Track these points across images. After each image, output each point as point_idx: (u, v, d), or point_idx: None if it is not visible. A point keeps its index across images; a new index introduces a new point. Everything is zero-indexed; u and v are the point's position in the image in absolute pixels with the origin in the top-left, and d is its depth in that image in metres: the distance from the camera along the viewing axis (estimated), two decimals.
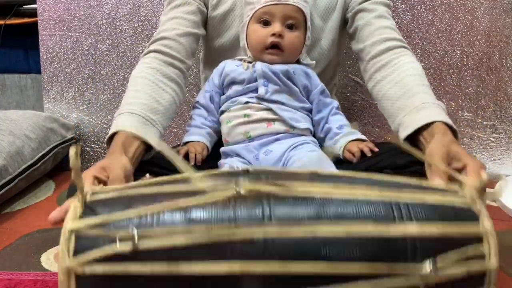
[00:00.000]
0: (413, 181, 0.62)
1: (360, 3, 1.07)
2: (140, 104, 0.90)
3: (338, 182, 0.59)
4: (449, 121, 0.85)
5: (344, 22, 1.12)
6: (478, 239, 0.57)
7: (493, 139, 1.54)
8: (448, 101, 1.53)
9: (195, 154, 0.95)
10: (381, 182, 0.61)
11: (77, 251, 0.54)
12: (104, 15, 1.55)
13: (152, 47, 1.02)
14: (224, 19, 1.08)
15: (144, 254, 0.52)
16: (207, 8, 1.09)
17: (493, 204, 1.31)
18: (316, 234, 0.54)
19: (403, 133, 0.89)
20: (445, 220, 0.56)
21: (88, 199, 0.58)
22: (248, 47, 1.01)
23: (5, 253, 1.04)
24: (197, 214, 0.55)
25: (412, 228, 0.55)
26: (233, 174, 0.61)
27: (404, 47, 1.03)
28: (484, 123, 1.54)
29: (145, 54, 1.02)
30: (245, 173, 0.61)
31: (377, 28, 1.04)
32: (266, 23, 0.97)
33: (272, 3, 0.96)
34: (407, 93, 0.93)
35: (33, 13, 1.61)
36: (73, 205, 0.57)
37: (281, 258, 0.53)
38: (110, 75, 1.59)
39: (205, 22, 1.10)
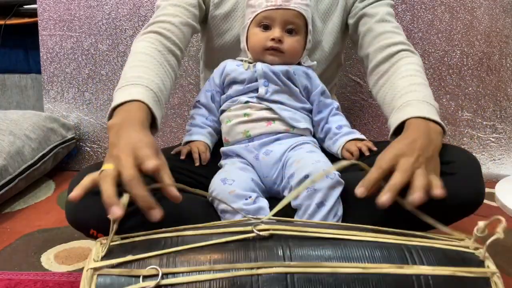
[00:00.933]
0: (418, 232, 0.66)
1: (362, 8, 1.07)
2: (151, 81, 0.85)
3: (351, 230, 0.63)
4: (425, 114, 0.83)
5: (345, 25, 1.12)
6: (485, 280, 0.59)
7: (493, 139, 1.54)
8: (448, 101, 1.53)
9: (199, 154, 0.95)
10: (390, 231, 0.64)
11: None
12: (104, 15, 1.55)
13: (154, 28, 0.98)
14: (226, 19, 1.08)
15: None
16: (207, 7, 1.08)
17: (493, 204, 1.31)
18: (337, 272, 0.56)
19: (389, 135, 0.89)
20: (454, 263, 0.60)
21: (111, 244, 0.58)
22: (248, 49, 1.01)
23: (5, 253, 1.04)
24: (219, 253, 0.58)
25: (424, 269, 0.58)
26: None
27: (405, 49, 1.01)
28: (484, 123, 1.54)
29: (146, 33, 0.97)
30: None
31: (378, 34, 1.03)
32: (266, 28, 0.98)
33: (272, 7, 0.96)
34: (397, 95, 0.93)
35: (33, 13, 1.61)
36: (96, 246, 0.57)
37: None
38: (110, 75, 1.59)
39: (202, 19, 1.10)
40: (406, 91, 0.92)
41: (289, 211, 0.84)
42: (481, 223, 0.62)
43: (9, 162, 1.29)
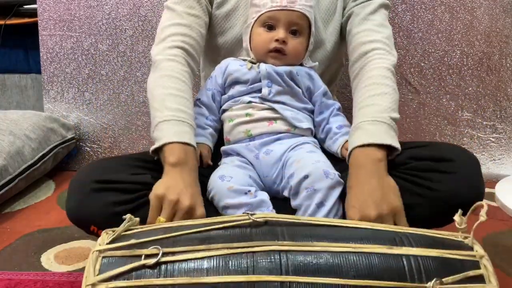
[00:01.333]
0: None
1: (352, 8, 1.06)
2: (191, 117, 0.91)
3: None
4: (364, 141, 0.85)
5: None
6: (475, 265, 0.60)
7: (493, 139, 1.54)
8: (448, 101, 1.53)
9: (201, 156, 0.95)
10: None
11: (101, 270, 0.58)
12: (104, 15, 1.55)
13: (179, 42, 0.99)
14: (228, 18, 1.08)
15: (166, 269, 0.57)
16: (211, 5, 1.08)
17: (493, 204, 1.31)
18: (329, 250, 0.59)
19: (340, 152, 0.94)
20: (443, 247, 0.61)
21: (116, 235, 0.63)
22: (251, 49, 1.01)
23: (5, 253, 1.04)
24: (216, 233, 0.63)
25: (413, 251, 0.60)
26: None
27: (378, 48, 0.99)
28: (484, 123, 1.54)
29: (173, 48, 0.98)
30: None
31: (356, 33, 1.03)
32: (270, 28, 0.97)
33: (277, 8, 0.96)
34: (355, 110, 0.94)
35: (33, 13, 1.61)
36: (102, 235, 0.63)
37: (295, 273, 0.57)
38: (110, 75, 1.59)
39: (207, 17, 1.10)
40: (362, 105, 0.92)
41: (289, 211, 0.84)
42: (456, 217, 0.65)
43: (9, 162, 1.29)
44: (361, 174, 0.82)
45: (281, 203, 0.87)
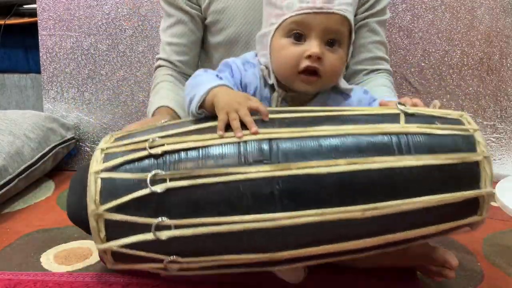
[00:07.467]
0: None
1: (361, 20, 1.05)
2: (174, 101, 1.01)
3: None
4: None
5: None
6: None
7: (494, 139, 1.54)
8: (448, 101, 1.53)
9: None
10: None
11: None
12: (104, 15, 1.55)
13: (164, 58, 1.11)
14: (218, 19, 1.06)
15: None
16: (200, 7, 1.08)
17: (493, 204, 1.31)
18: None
19: None
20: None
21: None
22: (273, 69, 0.77)
23: (5, 253, 1.04)
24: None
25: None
26: None
27: (384, 69, 1.06)
28: (485, 123, 1.54)
29: (160, 67, 1.11)
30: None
31: (363, 44, 1.05)
32: (299, 38, 0.74)
33: (309, 10, 0.71)
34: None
35: (33, 13, 1.61)
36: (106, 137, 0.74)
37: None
38: (110, 75, 1.58)
39: (202, 23, 1.10)
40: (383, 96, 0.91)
41: None
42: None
43: (9, 162, 1.29)
44: None
45: None
